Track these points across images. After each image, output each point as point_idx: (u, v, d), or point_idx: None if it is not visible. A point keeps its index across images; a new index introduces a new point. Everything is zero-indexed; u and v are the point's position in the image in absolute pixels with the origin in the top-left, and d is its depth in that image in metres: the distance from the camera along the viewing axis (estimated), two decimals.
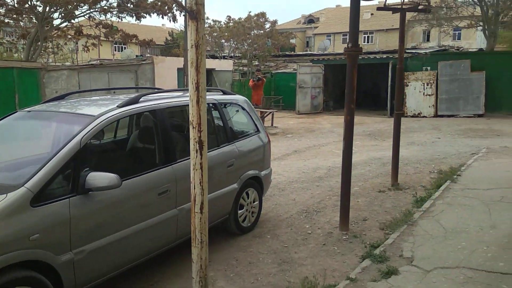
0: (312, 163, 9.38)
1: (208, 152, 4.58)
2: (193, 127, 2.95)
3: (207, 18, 28.16)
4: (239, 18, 26.71)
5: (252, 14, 26.32)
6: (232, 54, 27.89)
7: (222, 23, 28.11)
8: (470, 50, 22.08)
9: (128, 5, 15.53)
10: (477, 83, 16.79)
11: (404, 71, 18.10)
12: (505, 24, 19.32)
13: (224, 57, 26.76)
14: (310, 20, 59.23)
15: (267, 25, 26.61)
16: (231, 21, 27.30)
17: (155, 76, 16.16)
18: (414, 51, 19.98)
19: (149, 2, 15.49)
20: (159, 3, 15.32)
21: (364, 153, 10.35)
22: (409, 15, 46.17)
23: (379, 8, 6.77)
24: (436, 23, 20.64)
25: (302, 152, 10.70)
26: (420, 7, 6.68)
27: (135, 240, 3.71)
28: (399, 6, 6.88)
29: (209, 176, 4.52)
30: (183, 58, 14.58)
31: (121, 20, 16.33)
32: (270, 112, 13.54)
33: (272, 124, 13.76)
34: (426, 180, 7.61)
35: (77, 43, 20.49)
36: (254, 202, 5.34)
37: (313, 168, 8.85)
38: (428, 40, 47.88)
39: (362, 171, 8.52)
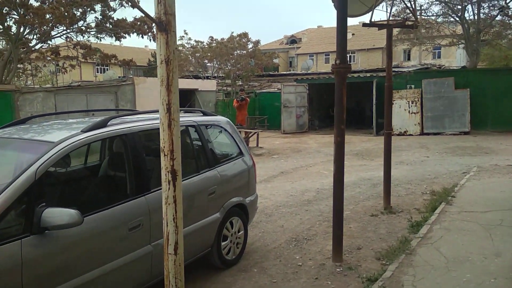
0: (300, 185, 8.98)
1: (186, 179, 4.18)
2: (164, 155, 2.54)
3: (189, 39, 28.06)
4: (222, 39, 26.59)
5: (235, 34, 26.22)
6: (215, 75, 27.67)
7: (204, 43, 27.95)
8: (452, 68, 22.23)
9: (107, 25, 15.14)
10: (461, 100, 16.76)
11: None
12: (486, 42, 19.49)
13: (207, 77, 26.49)
14: (293, 40, 59.81)
15: (250, 45, 26.51)
16: (214, 41, 27.15)
17: (136, 97, 15.70)
18: (397, 69, 19.99)
19: (128, 22, 15.14)
20: (139, 23, 14.99)
21: (353, 174, 10.00)
22: None
23: (364, 25, 6.51)
24: (417, 41, 20.75)
25: (289, 174, 10.30)
26: (407, 23, 6.43)
27: (102, 284, 3.22)
28: (385, 23, 6.64)
29: (188, 206, 4.13)
30: None
31: (100, 40, 15.93)
32: (255, 132, 13.17)
33: (257, 145, 13.38)
34: (419, 202, 7.26)
35: (57, 65, 19.96)
36: (239, 232, 4.89)
37: (301, 191, 8.44)
38: (409, 59, 48.64)
39: (353, 193, 8.14)
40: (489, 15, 18.35)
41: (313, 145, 15.18)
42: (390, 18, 6.32)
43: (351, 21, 55.48)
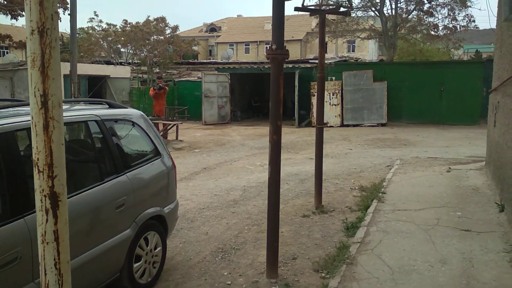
0: (225, 183, 8.28)
1: (84, 191, 3.25)
2: (39, 171, 1.68)
3: (100, 21, 25.86)
4: (137, 23, 24.86)
5: (151, 18, 24.63)
6: (130, 61, 25.88)
7: (118, 27, 25.98)
8: (370, 61, 22.86)
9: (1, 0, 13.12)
10: (379, 93, 17.14)
11: (310, 81, 18.05)
12: (402, 36, 20.20)
13: (121, 64, 24.67)
14: (212, 28, 58.66)
15: (168, 31, 25.10)
16: (128, 25, 25.31)
17: None
18: (317, 61, 20.00)
19: None
20: None
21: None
22: (307, 27, 47.50)
23: (296, 9, 5.91)
24: (339, 34, 20.97)
25: (212, 170, 9.55)
26: (341, 9, 5.96)
27: None
28: (318, 7, 6.12)
29: (86, 227, 3.21)
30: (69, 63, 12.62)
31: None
32: (174, 124, 12.19)
33: (177, 138, 12.41)
34: (350, 199, 6.93)
35: None
36: (155, 248, 4.06)
37: (226, 189, 7.74)
38: (326, 51, 49.97)
39: (281, 191, 7.53)
40: (406, 9, 19.02)
41: (236, 137, 14.54)
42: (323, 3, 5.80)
43: (271, 12, 55.59)
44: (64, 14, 13.85)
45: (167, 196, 4.31)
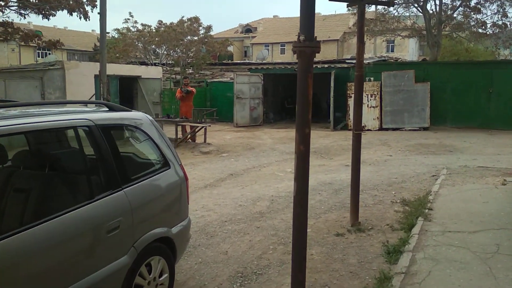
0: (252, 192, 7.64)
1: (65, 213, 2.67)
2: None
3: (135, 22, 25.85)
4: (171, 23, 24.67)
5: (185, 18, 24.37)
6: (164, 62, 25.77)
7: (152, 27, 25.91)
8: (411, 60, 21.65)
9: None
10: (421, 94, 16.04)
11: (346, 81, 17.16)
12: (447, 34, 18.93)
13: (155, 64, 24.58)
14: (248, 29, 58.30)
15: (202, 31, 24.77)
16: (163, 26, 25.18)
17: (66, 84, 13.73)
18: (355, 61, 19.07)
19: None
20: None
21: (312, 176, 8.68)
22: (344, 27, 46.31)
23: None
24: (378, 32, 19.90)
25: (239, 176, 8.93)
26: None
27: None
28: None
29: (68, 258, 2.58)
30: (99, 63, 12.38)
31: (24, 18, 13.76)
32: (203, 127, 11.68)
33: (205, 141, 11.89)
34: (391, 215, 6.12)
35: None
36: (161, 276, 3.46)
37: (252, 199, 7.10)
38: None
39: (312, 202, 6.88)
40: (451, 5, 17.76)
41: (267, 140, 13.89)
42: None
43: None
44: (92, 12, 13.70)
45: (177, 214, 3.71)
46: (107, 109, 3.41)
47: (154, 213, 3.41)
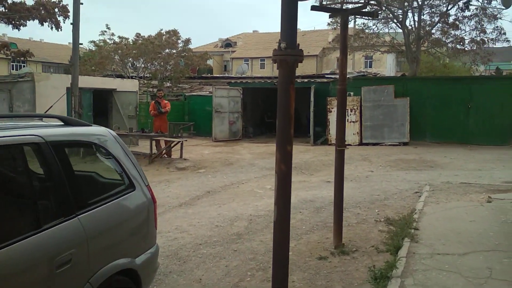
0: (229, 210, 7.24)
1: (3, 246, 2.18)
2: None
3: (112, 35, 25.33)
4: (149, 36, 24.27)
5: (164, 31, 24.00)
6: (142, 75, 25.27)
7: (130, 40, 25.44)
8: (391, 76, 21.76)
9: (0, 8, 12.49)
10: (401, 109, 16.00)
11: (326, 96, 17.03)
12: (425, 50, 19.07)
13: (132, 77, 24.07)
14: (228, 44, 58.35)
15: (180, 44, 24.43)
16: (140, 38, 24.75)
17: (36, 97, 13.13)
18: (334, 76, 19.03)
19: (27, 5, 12.56)
20: (41, 8, 12.47)
21: (293, 193, 8.32)
22: (323, 42, 46.72)
23: (314, 8, 4.93)
24: (358, 47, 19.93)
25: (216, 194, 8.52)
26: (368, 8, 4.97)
27: None
28: (339, 6, 5.13)
29: None
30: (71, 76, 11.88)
31: None
32: (178, 142, 11.25)
33: (181, 156, 11.45)
34: (375, 234, 5.83)
35: None
36: None
37: (230, 219, 6.70)
38: None
39: (293, 222, 6.50)
40: (430, 21, 17.92)
41: (246, 156, 13.53)
42: (346, 1, 4.82)
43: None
44: (64, 22, 13.21)
45: (143, 241, 3.30)
46: (62, 123, 3.00)
47: (116, 242, 3.00)
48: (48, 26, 13.10)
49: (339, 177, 5.24)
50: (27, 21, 12.84)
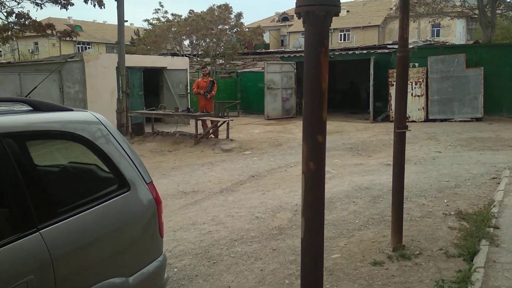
0: (273, 199, 6.51)
1: None
2: None
3: (165, 12, 25.07)
4: (202, 11, 23.73)
5: (215, 6, 23.32)
6: (195, 52, 24.94)
7: (183, 17, 25.08)
8: (462, 44, 19.65)
9: None
10: (474, 81, 14.27)
11: (388, 68, 15.60)
12: (501, 13, 16.88)
13: (186, 55, 23.81)
14: (285, 17, 56.75)
15: (233, 19, 23.65)
16: (193, 15, 24.28)
17: (85, 77, 13.05)
18: (397, 46, 17.43)
19: None
20: None
21: (346, 179, 7.56)
22: (385, 12, 43.91)
23: None
24: (425, 13, 18.04)
25: (261, 178, 7.82)
26: None
27: None
28: None
29: None
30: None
31: (41, 8, 13.17)
32: (224, 122, 10.63)
33: (227, 136, 10.84)
34: (444, 233, 4.84)
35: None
36: None
37: (272, 209, 5.97)
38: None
39: (345, 214, 5.70)
40: None
41: (298, 135, 12.66)
42: None
43: None
44: None
45: (142, 255, 2.65)
46: (30, 108, 2.37)
47: (100, 259, 2.36)
48: (91, 4, 12.89)
49: (399, 165, 4.29)
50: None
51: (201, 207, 6.19)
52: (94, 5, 12.93)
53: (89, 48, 56.74)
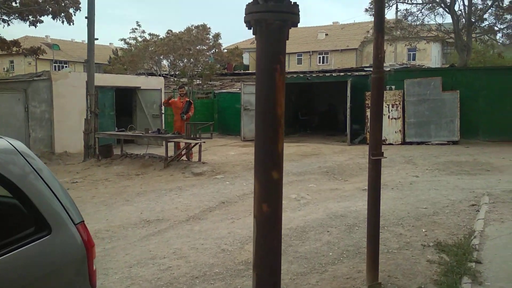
0: (242, 227, 6.08)
1: None
2: None
3: (143, 32, 24.75)
4: (179, 32, 23.49)
5: (192, 26, 23.10)
6: (172, 72, 24.58)
7: (160, 37, 24.78)
8: (438, 67, 19.86)
9: (13, 3, 11.86)
10: (450, 104, 14.27)
11: (364, 90, 15.52)
12: (477, 37, 17.11)
13: (162, 75, 23.42)
14: None
15: (210, 40, 23.45)
16: (171, 35, 24.01)
17: (53, 96, 12.49)
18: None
19: None
20: (52, 1, 11.75)
21: (321, 205, 7.19)
22: (363, 35, 44.64)
23: None
24: (401, 36, 18.17)
25: (231, 205, 7.38)
26: None
27: None
28: None
29: None
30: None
31: (8, 25, 12.63)
32: (196, 144, 10.19)
33: (199, 159, 10.38)
34: (423, 267, 4.49)
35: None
36: None
37: (240, 240, 5.54)
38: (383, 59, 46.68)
39: (317, 245, 5.30)
40: (482, 5, 15.95)
41: None
42: None
43: (325, 21, 53.70)
44: (75, 15, 12.45)
45: None
46: None
47: None
48: (59, 20, 12.41)
49: (374, 196, 3.94)
50: (40, 16, 12.18)
51: (163, 238, 5.70)
52: (63, 22, 12.46)
53: (65, 67, 55.91)
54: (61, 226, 2.19)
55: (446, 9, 16.07)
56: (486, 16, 16.21)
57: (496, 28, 16.80)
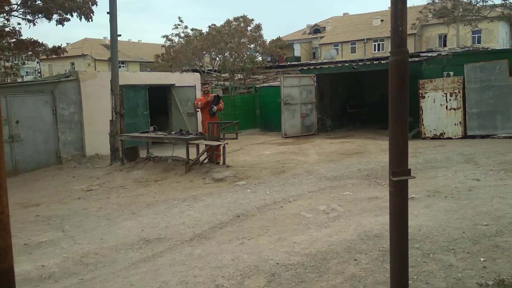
0: (251, 252, 5.02)
1: None
2: None
3: (185, 27, 24.23)
4: (221, 25, 22.69)
5: (232, 19, 22.21)
6: (215, 68, 23.89)
7: (203, 32, 24.15)
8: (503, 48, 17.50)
9: (37, 2, 11.51)
10: None
11: (418, 78, 13.81)
12: None
13: (204, 71, 22.78)
14: (316, 29, 55.53)
15: (251, 31, 22.41)
16: (212, 29, 23.30)
17: (81, 98, 12.08)
18: (429, 54, 15.60)
19: None
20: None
21: (353, 220, 5.96)
22: (422, 20, 41.73)
23: None
24: (461, 18, 16.08)
25: (247, 219, 6.31)
26: None
27: None
28: None
29: None
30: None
31: (34, 25, 12.38)
32: (219, 145, 9.22)
33: (223, 162, 9.42)
34: None
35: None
36: None
37: (242, 272, 4.49)
38: (444, 45, 43.44)
39: (337, 282, 4.15)
40: None
41: (311, 157, 11.08)
42: None
43: (380, 6, 50.90)
44: (93, 14, 11.80)
45: None
46: None
47: None
48: (77, 17, 11.98)
49: (399, 235, 2.73)
50: (63, 15, 11.78)
51: (154, 266, 4.78)
52: (80, 18, 12.02)
53: (122, 66, 57.50)
54: None
55: None
56: None
57: None
